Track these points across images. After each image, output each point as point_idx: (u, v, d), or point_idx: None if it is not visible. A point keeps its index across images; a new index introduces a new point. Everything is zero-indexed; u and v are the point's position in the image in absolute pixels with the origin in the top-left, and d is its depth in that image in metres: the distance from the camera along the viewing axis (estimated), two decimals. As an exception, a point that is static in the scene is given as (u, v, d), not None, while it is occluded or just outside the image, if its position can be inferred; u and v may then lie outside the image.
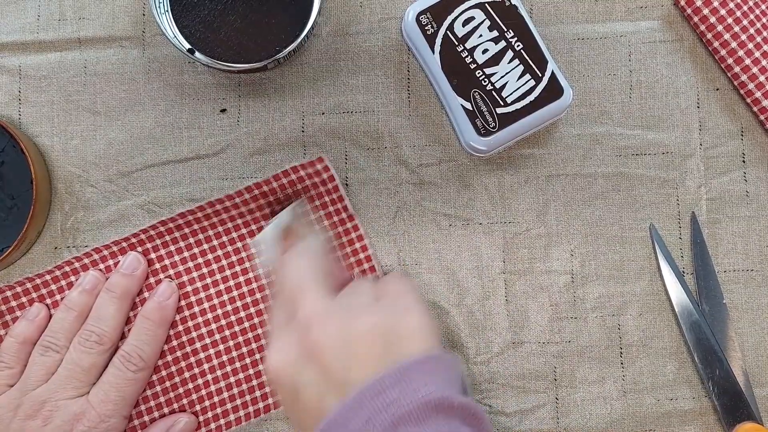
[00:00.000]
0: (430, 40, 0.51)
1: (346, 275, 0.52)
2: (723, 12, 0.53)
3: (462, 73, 0.51)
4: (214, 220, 0.53)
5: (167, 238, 0.53)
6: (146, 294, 0.52)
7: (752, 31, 0.53)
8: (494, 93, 0.51)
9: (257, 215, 0.53)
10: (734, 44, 0.53)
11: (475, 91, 0.51)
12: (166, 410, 0.52)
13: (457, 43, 0.51)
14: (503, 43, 0.51)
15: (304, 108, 0.55)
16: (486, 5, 0.51)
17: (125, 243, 0.52)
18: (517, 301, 0.54)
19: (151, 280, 0.52)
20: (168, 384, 0.52)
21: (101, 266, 0.52)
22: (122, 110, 0.54)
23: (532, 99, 0.51)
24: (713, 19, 0.53)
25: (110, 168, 0.54)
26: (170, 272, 0.52)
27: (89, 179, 0.54)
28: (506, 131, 0.51)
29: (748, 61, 0.53)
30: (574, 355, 0.53)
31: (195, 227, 0.53)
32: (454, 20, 0.51)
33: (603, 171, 0.54)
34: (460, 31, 0.51)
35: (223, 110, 0.55)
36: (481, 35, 0.51)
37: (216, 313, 0.52)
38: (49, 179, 0.54)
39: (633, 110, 0.55)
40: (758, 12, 0.53)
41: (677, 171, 0.54)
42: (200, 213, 0.53)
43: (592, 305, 0.54)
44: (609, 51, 0.55)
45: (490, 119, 0.51)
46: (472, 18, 0.51)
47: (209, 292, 0.53)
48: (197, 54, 0.52)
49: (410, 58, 0.55)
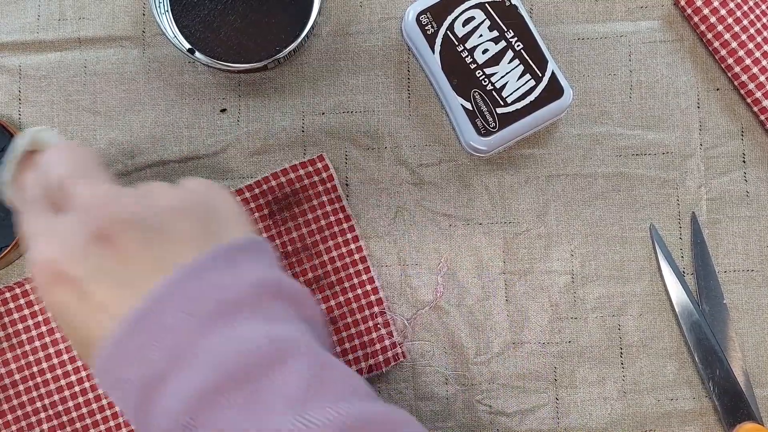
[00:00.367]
0: (430, 40, 0.51)
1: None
2: (723, 12, 0.53)
3: (462, 73, 0.51)
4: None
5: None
6: None
7: (752, 31, 0.53)
8: (494, 93, 0.51)
9: (256, 216, 0.53)
10: (734, 44, 0.53)
11: (475, 91, 0.51)
12: None
13: (457, 43, 0.51)
14: (503, 43, 0.51)
15: (304, 108, 0.55)
16: (486, 5, 0.51)
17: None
18: (517, 301, 0.54)
19: None
20: None
21: None
22: (122, 110, 0.54)
23: (532, 99, 0.51)
24: (713, 19, 0.53)
25: (110, 168, 0.54)
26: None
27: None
28: (506, 131, 0.51)
29: (749, 61, 0.53)
30: (574, 356, 0.53)
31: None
32: (454, 20, 0.51)
33: (603, 171, 0.54)
34: (460, 31, 0.51)
35: (223, 110, 0.55)
36: (481, 35, 0.51)
37: None
38: (49, 179, 0.54)
39: (633, 110, 0.55)
40: (758, 12, 0.53)
41: (677, 171, 0.54)
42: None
43: (593, 305, 0.54)
44: (609, 51, 0.55)
45: (490, 119, 0.51)
46: (472, 18, 0.51)
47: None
48: (197, 54, 0.52)
49: (410, 58, 0.55)
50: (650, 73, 0.55)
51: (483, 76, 0.51)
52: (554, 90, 0.51)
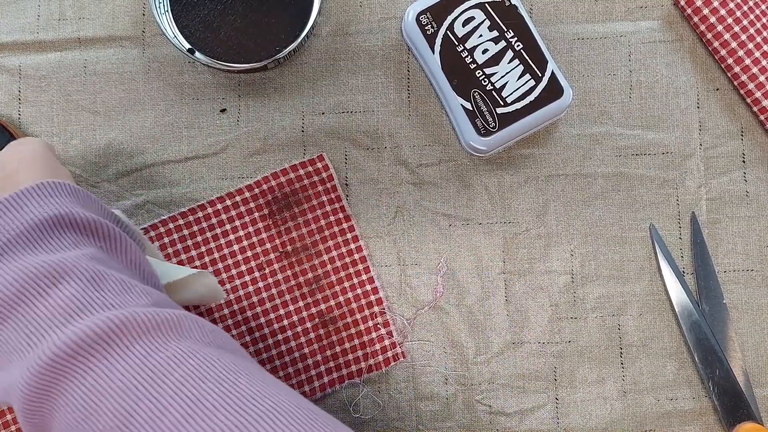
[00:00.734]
0: (430, 40, 0.51)
1: None
2: (723, 12, 0.53)
3: (462, 73, 0.51)
4: (213, 221, 0.53)
5: (165, 240, 0.53)
6: None
7: (752, 31, 0.53)
8: (494, 93, 0.51)
9: (256, 216, 0.53)
10: (734, 44, 0.53)
11: (475, 91, 0.51)
12: None
13: (457, 43, 0.51)
14: (503, 43, 0.51)
15: (304, 108, 0.55)
16: (486, 5, 0.51)
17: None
18: (517, 301, 0.54)
19: None
20: None
21: None
22: (122, 110, 0.54)
23: (532, 99, 0.51)
24: (713, 19, 0.53)
25: (110, 168, 0.54)
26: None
27: (89, 179, 0.54)
28: (506, 131, 0.51)
29: (748, 61, 0.53)
30: (574, 355, 0.53)
31: (194, 229, 0.53)
32: (454, 20, 0.51)
33: (603, 171, 0.54)
34: (460, 31, 0.51)
35: (223, 110, 0.55)
36: (481, 35, 0.51)
37: (213, 317, 0.52)
38: (49, 179, 0.54)
39: (633, 110, 0.55)
40: (758, 12, 0.53)
41: (677, 171, 0.54)
42: (201, 213, 0.53)
43: (592, 305, 0.54)
44: (609, 51, 0.55)
45: (490, 119, 0.51)
46: (472, 18, 0.51)
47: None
48: (197, 54, 0.52)
49: (410, 58, 0.55)
50: (650, 73, 0.55)
51: (483, 76, 0.51)
52: (554, 90, 0.51)
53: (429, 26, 0.51)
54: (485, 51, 0.51)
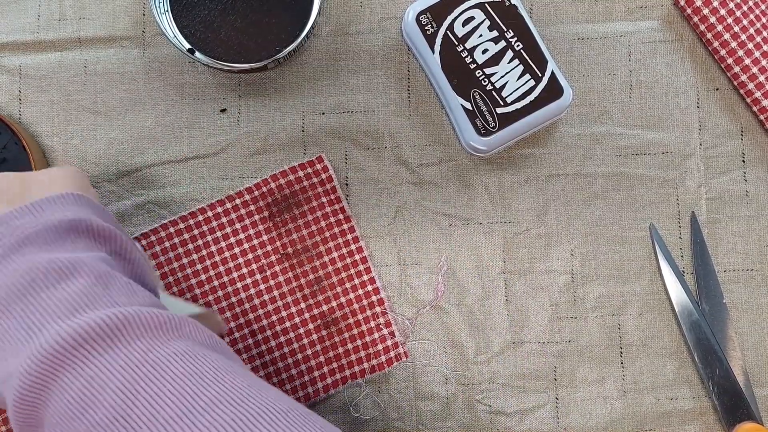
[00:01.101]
0: (430, 40, 0.51)
1: None
2: (723, 12, 0.53)
3: (462, 73, 0.51)
4: (214, 224, 0.53)
5: (167, 245, 0.52)
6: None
7: (752, 31, 0.53)
8: (494, 93, 0.51)
9: (256, 218, 0.53)
10: (734, 44, 0.53)
11: (475, 91, 0.51)
12: None
13: (457, 43, 0.51)
14: (503, 43, 0.51)
15: (304, 108, 0.55)
16: (486, 5, 0.51)
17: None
18: (517, 301, 0.54)
19: None
20: None
21: None
22: (122, 110, 0.54)
23: (532, 99, 0.51)
24: (713, 19, 0.53)
25: (110, 168, 0.54)
26: (170, 279, 0.52)
27: (89, 179, 0.54)
28: (506, 131, 0.51)
29: (748, 61, 0.53)
30: (574, 355, 0.53)
31: (195, 232, 0.53)
32: (454, 20, 0.51)
33: (603, 171, 0.54)
34: (460, 31, 0.51)
35: (223, 110, 0.55)
36: (481, 35, 0.51)
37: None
38: (49, 179, 0.54)
39: (633, 110, 0.55)
40: (758, 12, 0.53)
41: (677, 171, 0.54)
42: (201, 216, 0.53)
43: (592, 305, 0.54)
44: (609, 51, 0.55)
45: (490, 119, 0.51)
46: (472, 18, 0.51)
47: (208, 299, 0.52)
48: (197, 54, 0.52)
49: (410, 58, 0.55)
50: (650, 73, 0.55)
51: (483, 76, 0.51)
52: (554, 90, 0.51)
53: (429, 26, 0.51)
54: (485, 51, 0.51)
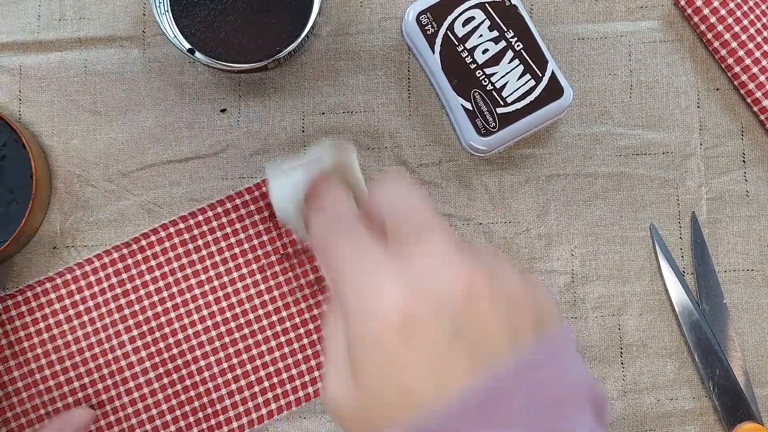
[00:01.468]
0: (430, 40, 0.51)
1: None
2: (723, 12, 0.53)
3: (462, 73, 0.51)
4: (214, 224, 0.53)
5: (167, 245, 0.52)
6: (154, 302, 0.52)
7: (752, 31, 0.53)
8: (494, 93, 0.51)
9: (256, 218, 0.53)
10: (734, 44, 0.53)
11: (475, 91, 0.51)
12: (169, 416, 0.52)
13: (457, 43, 0.51)
14: (503, 43, 0.51)
15: (305, 108, 0.55)
16: (486, 5, 0.51)
17: (126, 249, 0.52)
18: (517, 301, 0.54)
19: (152, 288, 0.52)
20: (161, 396, 0.52)
21: (101, 274, 0.52)
22: (122, 110, 0.54)
23: (532, 99, 0.51)
24: (713, 19, 0.53)
25: (110, 168, 0.54)
26: (170, 279, 0.52)
27: (89, 179, 0.54)
28: (506, 131, 0.51)
29: (749, 61, 0.53)
30: (574, 355, 0.53)
31: (195, 232, 0.53)
32: (454, 20, 0.51)
33: (603, 171, 0.54)
34: (460, 31, 0.51)
35: (223, 110, 0.55)
36: (481, 35, 0.51)
37: (216, 320, 0.52)
38: (50, 175, 0.54)
39: (633, 110, 0.55)
40: (758, 12, 0.53)
41: (677, 171, 0.54)
42: (201, 216, 0.53)
43: (592, 305, 0.54)
44: (609, 51, 0.55)
45: (490, 119, 0.51)
46: (472, 18, 0.51)
47: (208, 299, 0.52)
48: (197, 54, 0.52)
49: (410, 58, 0.55)
50: (650, 73, 0.55)
51: (483, 76, 0.51)
52: (554, 90, 0.51)
53: (429, 26, 0.51)
54: (485, 51, 0.51)
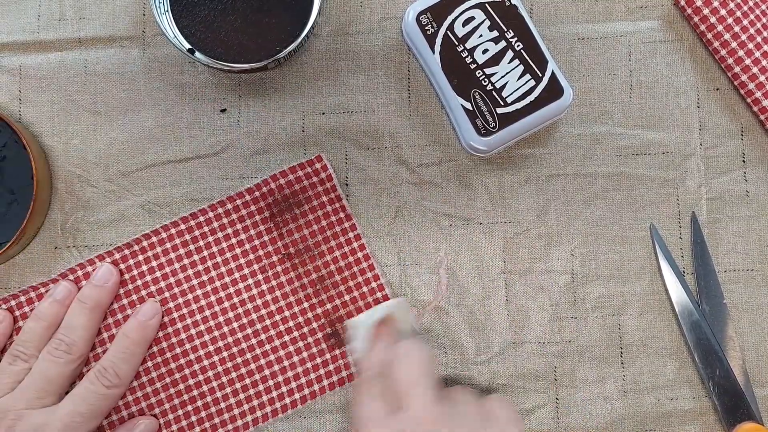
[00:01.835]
0: (430, 40, 0.51)
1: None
2: (723, 12, 0.53)
3: (462, 73, 0.51)
4: (215, 225, 0.53)
5: (168, 245, 0.52)
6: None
7: (752, 31, 0.53)
8: (494, 93, 0.51)
9: (257, 218, 0.53)
10: (734, 44, 0.53)
11: (475, 91, 0.51)
12: (171, 415, 0.52)
13: (457, 43, 0.51)
14: (503, 43, 0.51)
15: (305, 108, 0.55)
16: (486, 5, 0.51)
17: (127, 250, 0.52)
18: (517, 301, 0.54)
19: (153, 288, 0.52)
20: (163, 395, 0.52)
21: None
22: (122, 110, 0.54)
23: (532, 99, 0.51)
24: (713, 19, 0.53)
25: (110, 168, 0.54)
26: (171, 279, 0.52)
27: (89, 179, 0.54)
28: (506, 131, 0.51)
29: (749, 61, 0.53)
30: (575, 355, 0.53)
31: (196, 233, 0.53)
32: (454, 20, 0.51)
33: (603, 171, 0.54)
34: (460, 31, 0.51)
35: (223, 110, 0.55)
36: (481, 35, 0.51)
37: (217, 320, 0.52)
38: (50, 175, 0.54)
39: (633, 110, 0.55)
40: (758, 12, 0.53)
41: (677, 171, 0.54)
42: (202, 216, 0.53)
43: (593, 305, 0.54)
44: (609, 51, 0.55)
45: (490, 119, 0.51)
46: (472, 18, 0.51)
47: (209, 299, 0.52)
48: (197, 54, 0.52)
49: (410, 58, 0.55)
50: (650, 73, 0.55)
51: (483, 76, 0.51)
52: (554, 90, 0.51)
53: (429, 26, 0.51)
54: (485, 51, 0.51)
